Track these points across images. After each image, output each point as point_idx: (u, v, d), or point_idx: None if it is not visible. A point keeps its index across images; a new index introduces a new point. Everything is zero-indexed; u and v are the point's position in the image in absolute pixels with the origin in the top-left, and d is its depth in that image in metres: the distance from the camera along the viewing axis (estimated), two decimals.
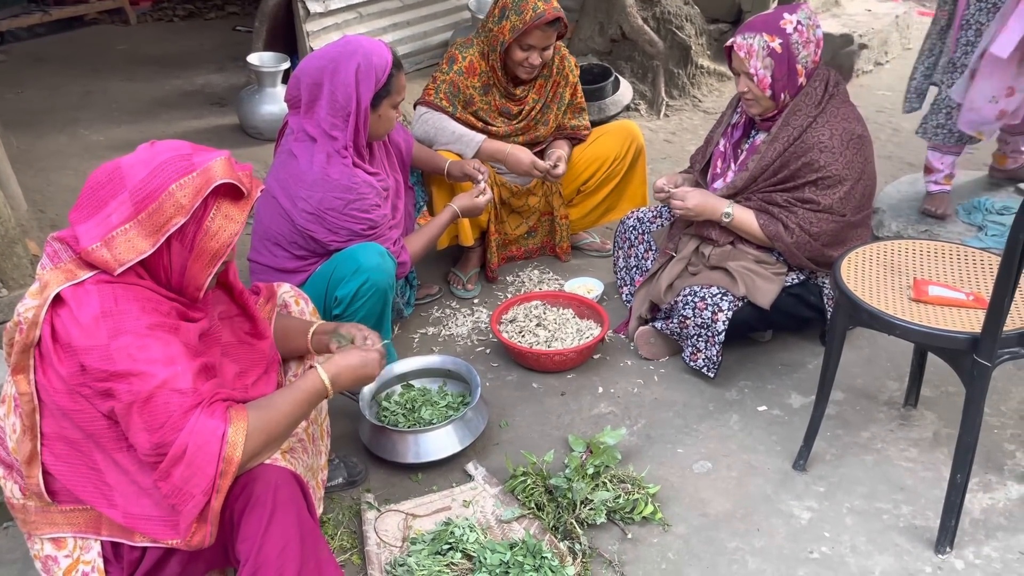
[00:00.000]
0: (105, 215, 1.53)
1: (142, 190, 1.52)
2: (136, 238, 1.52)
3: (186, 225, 1.55)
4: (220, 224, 1.58)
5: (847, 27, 5.58)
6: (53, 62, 5.49)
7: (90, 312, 1.49)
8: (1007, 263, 1.77)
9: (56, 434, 1.57)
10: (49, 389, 1.53)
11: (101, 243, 1.51)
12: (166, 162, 1.54)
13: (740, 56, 2.53)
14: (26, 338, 1.51)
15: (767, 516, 2.23)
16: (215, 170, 1.56)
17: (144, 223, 1.52)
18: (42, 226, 3.40)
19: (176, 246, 1.57)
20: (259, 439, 1.57)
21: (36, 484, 1.59)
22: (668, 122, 4.87)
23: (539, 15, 2.88)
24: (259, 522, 1.56)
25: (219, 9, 6.76)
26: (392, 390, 2.62)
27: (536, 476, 2.28)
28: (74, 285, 1.51)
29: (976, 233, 3.38)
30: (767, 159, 2.59)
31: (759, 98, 2.57)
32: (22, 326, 1.52)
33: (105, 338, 1.48)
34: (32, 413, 1.55)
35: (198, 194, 1.54)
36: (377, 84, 2.42)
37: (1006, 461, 2.38)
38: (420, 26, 5.11)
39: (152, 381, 1.48)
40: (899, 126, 4.81)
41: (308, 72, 2.45)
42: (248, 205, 1.62)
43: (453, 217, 2.88)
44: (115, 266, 1.51)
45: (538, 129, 3.23)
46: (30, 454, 1.57)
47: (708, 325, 2.58)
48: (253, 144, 4.29)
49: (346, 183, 2.44)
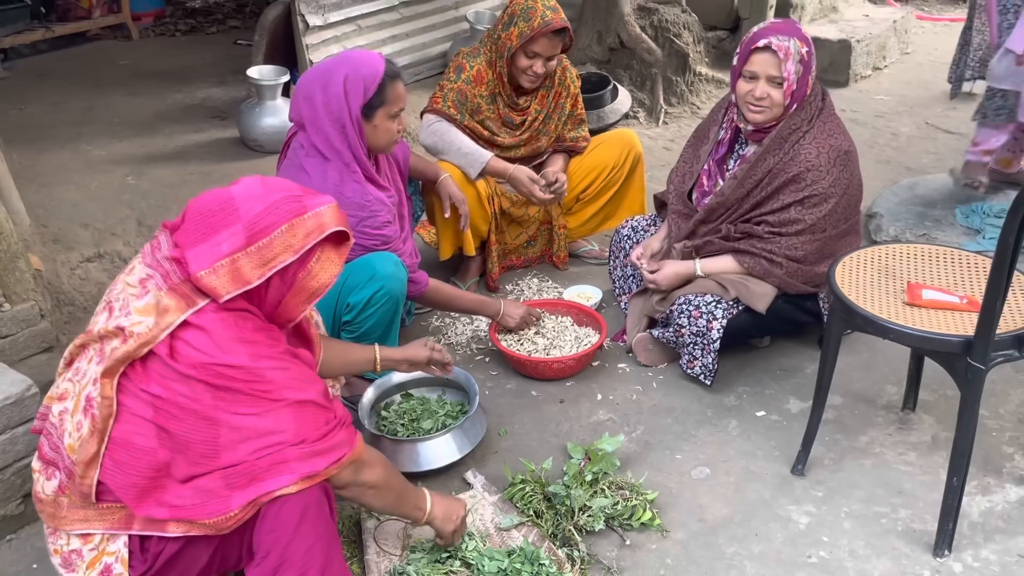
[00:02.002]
0: (215, 242, 1.59)
1: (257, 224, 1.59)
2: (244, 268, 1.58)
3: (291, 264, 1.62)
4: (322, 267, 1.67)
5: (845, 32, 5.59)
6: (56, 78, 5.53)
7: (227, 335, 1.56)
8: (998, 266, 1.78)
9: (125, 441, 1.59)
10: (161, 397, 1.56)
11: (211, 270, 1.57)
12: (281, 200, 1.62)
13: (778, 57, 2.46)
14: (132, 351, 1.55)
15: (765, 521, 2.23)
16: (327, 217, 1.65)
17: (253, 256, 1.59)
18: (44, 241, 3.43)
19: (276, 281, 1.64)
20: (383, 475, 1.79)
21: (89, 486, 1.61)
22: (667, 129, 4.88)
23: (547, 22, 2.92)
24: (291, 516, 1.60)
25: (220, 24, 6.81)
26: (391, 399, 2.63)
27: (535, 484, 2.29)
28: (196, 311, 1.57)
29: (974, 236, 3.39)
30: (757, 173, 2.59)
31: (775, 105, 2.52)
32: (128, 338, 1.56)
33: (247, 360, 1.56)
34: (107, 418, 1.58)
35: (308, 236, 1.63)
36: (366, 93, 2.43)
37: (1004, 464, 2.38)
38: (419, 37, 5.15)
39: (303, 394, 1.60)
40: (897, 131, 4.82)
41: (303, 88, 2.48)
42: (347, 251, 1.72)
43: (494, 311, 2.85)
44: (223, 294, 1.58)
45: (540, 140, 3.25)
46: (92, 456, 1.59)
47: (703, 333, 2.59)
48: (253, 157, 4.32)
49: (359, 200, 2.46)
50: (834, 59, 5.44)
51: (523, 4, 2.98)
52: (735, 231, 2.66)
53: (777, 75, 2.48)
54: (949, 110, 5.07)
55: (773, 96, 2.51)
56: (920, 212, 3.61)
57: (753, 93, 2.52)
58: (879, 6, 6.52)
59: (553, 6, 2.99)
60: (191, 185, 3.97)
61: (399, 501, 1.87)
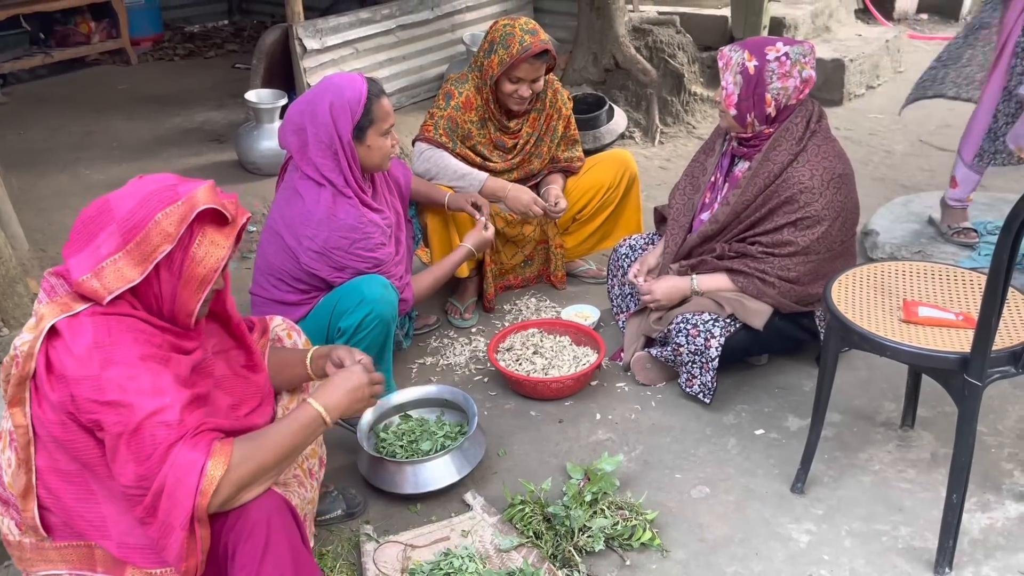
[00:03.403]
0: (95, 247, 1.58)
1: (129, 220, 1.57)
2: (125, 267, 1.57)
3: (173, 252, 1.60)
4: (206, 250, 1.62)
5: (838, 52, 5.65)
6: (55, 103, 5.56)
7: (83, 342, 1.53)
8: (993, 283, 1.79)
9: (50, 467, 1.59)
10: (44, 420, 1.56)
11: (91, 274, 1.56)
12: (152, 193, 1.60)
13: (719, 65, 2.61)
14: (22, 370, 1.55)
15: (766, 540, 2.22)
16: (198, 197, 1.61)
17: (132, 252, 1.57)
18: (43, 265, 3.44)
19: (164, 274, 1.61)
20: (245, 471, 1.58)
21: (32, 518, 1.61)
22: (663, 149, 4.91)
23: (526, 48, 2.93)
24: (254, 552, 1.58)
25: (219, 48, 6.87)
26: (390, 421, 2.63)
27: (534, 504, 2.29)
28: (69, 317, 1.55)
29: (970, 253, 3.41)
30: (748, 195, 2.61)
31: (724, 112, 2.62)
32: (18, 359, 1.56)
33: (97, 368, 1.51)
34: (27, 446, 1.58)
35: (183, 221, 1.59)
36: (354, 116, 2.44)
37: (1004, 480, 2.38)
38: (415, 60, 5.19)
39: (140, 412, 1.51)
40: (891, 148, 4.86)
41: (291, 120, 2.50)
42: (233, 231, 1.66)
43: (468, 255, 2.90)
44: (104, 295, 1.56)
45: (532, 162, 3.27)
46: (25, 487, 1.60)
47: (701, 351, 2.60)
48: (252, 179, 4.34)
49: (352, 222, 2.48)
50: (828, 78, 5.48)
51: (502, 31, 3.00)
52: (729, 250, 2.67)
53: (721, 83, 2.60)
54: (943, 127, 5.10)
55: (723, 101, 2.61)
56: (915, 229, 3.63)
57: (715, 98, 2.64)
58: (871, 25, 6.58)
59: (532, 29, 3.00)
60: None
61: (290, 454, 1.67)
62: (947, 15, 7.36)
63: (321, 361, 2.01)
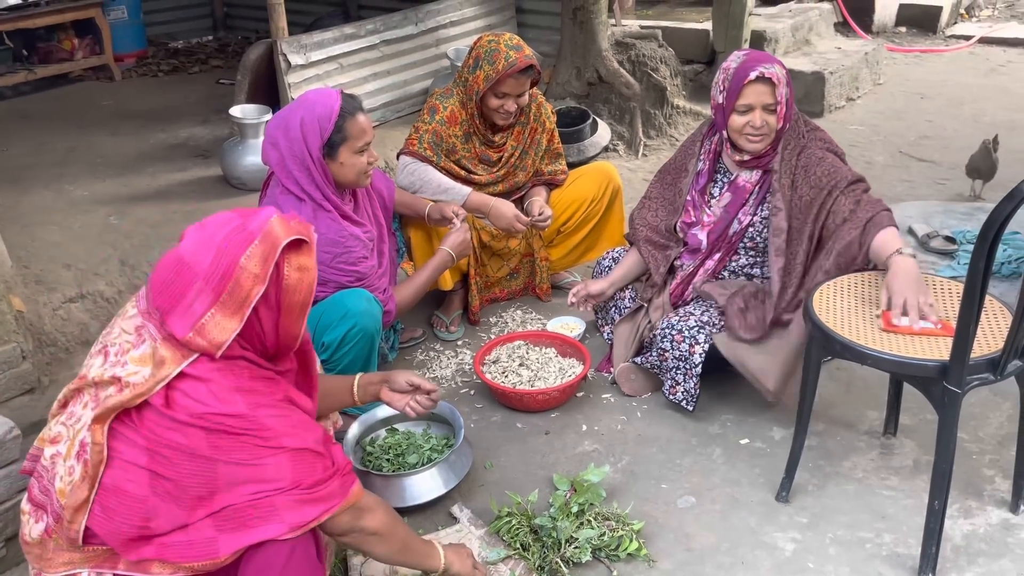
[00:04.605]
0: (187, 306, 1.57)
1: (215, 273, 1.57)
2: (223, 320, 1.57)
3: (267, 290, 1.60)
4: (297, 277, 1.64)
5: (818, 65, 5.71)
6: (38, 119, 5.54)
7: (225, 385, 1.57)
8: (970, 291, 1.82)
9: (116, 487, 1.58)
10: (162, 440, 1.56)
11: (194, 333, 1.57)
12: (226, 238, 1.59)
13: (772, 84, 2.53)
14: (126, 400, 1.55)
15: (752, 549, 2.24)
16: (275, 231, 1.61)
17: (227, 303, 1.57)
18: (26, 282, 3.42)
19: (264, 312, 1.62)
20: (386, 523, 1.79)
21: (76, 532, 1.60)
22: (646, 161, 4.95)
23: (511, 64, 2.96)
24: (279, 555, 1.60)
25: (203, 63, 6.86)
26: (376, 434, 2.63)
27: (521, 516, 2.29)
28: (192, 362, 1.57)
29: (949, 262, 3.45)
30: (788, 194, 2.61)
31: (772, 131, 2.58)
32: (123, 387, 1.57)
33: (246, 408, 1.57)
34: (99, 464, 1.57)
35: (267, 260, 1.59)
36: (323, 134, 2.45)
37: (985, 487, 2.41)
38: (400, 75, 5.21)
39: (300, 442, 1.61)
40: (872, 160, 4.91)
41: (269, 135, 2.53)
42: (313, 250, 1.68)
43: (447, 260, 2.90)
44: (214, 351, 1.57)
45: (517, 175, 3.29)
46: (82, 502, 1.58)
47: (686, 358, 2.61)
48: (237, 195, 4.33)
49: (333, 236, 2.49)
50: (809, 90, 5.54)
51: (487, 47, 3.02)
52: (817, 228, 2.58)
53: (772, 102, 2.55)
54: (922, 139, 5.18)
55: (770, 123, 2.57)
56: None
57: (752, 124, 2.57)
58: (851, 38, 6.67)
59: (516, 45, 3.03)
60: (174, 224, 3.98)
61: (405, 550, 1.86)
62: (925, 28, 7.47)
63: (373, 388, 2.19)
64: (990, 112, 5.61)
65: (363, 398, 2.18)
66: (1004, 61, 6.78)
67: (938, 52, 7.00)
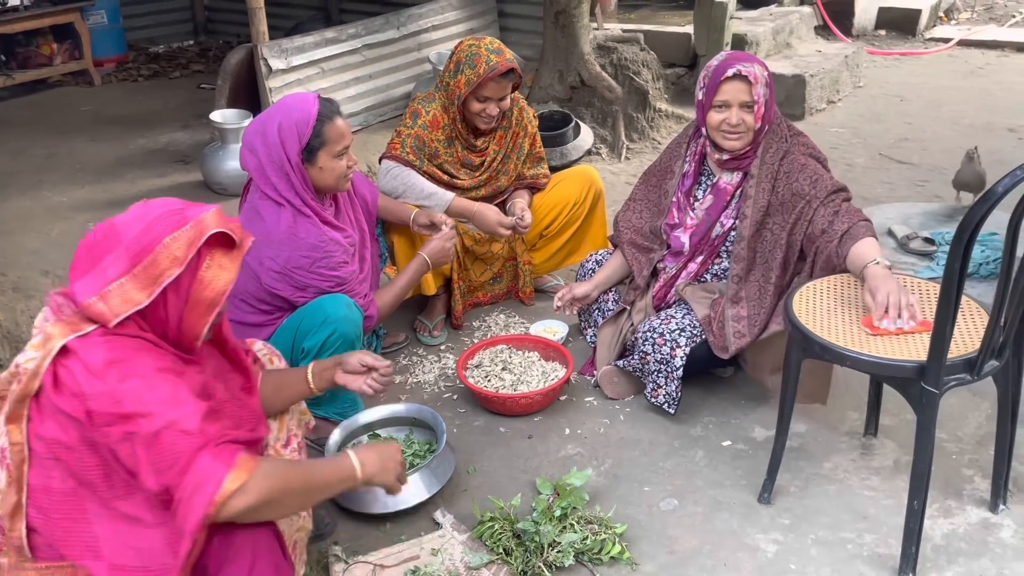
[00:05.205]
0: (101, 270, 1.58)
1: (137, 244, 1.58)
2: (132, 291, 1.57)
3: (181, 276, 1.60)
4: (214, 274, 1.63)
5: (799, 68, 5.75)
6: (17, 125, 5.50)
7: (99, 358, 1.53)
8: (946, 291, 1.83)
9: (43, 486, 1.57)
10: (45, 438, 1.54)
11: (97, 297, 1.56)
12: (160, 216, 1.60)
13: (749, 83, 2.55)
14: (25, 388, 1.54)
15: (734, 551, 2.24)
16: (207, 221, 1.62)
17: (139, 276, 1.57)
18: (4, 289, 3.39)
19: (172, 298, 1.61)
20: (266, 485, 1.54)
21: (19, 538, 1.58)
22: (629, 164, 4.97)
23: (492, 67, 2.96)
24: (240, 573, 1.57)
25: (183, 68, 6.83)
26: (358, 440, 2.62)
27: (504, 521, 2.29)
28: (79, 337, 1.55)
29: (929, 264, 3.47)
30: (761, 202, 2.61)
31: (749, 129, 2.59)
32: (21, 376, 1.55)
33: (115, 381, 1.51)
34: (21, 464, 1.56)
35: (191, 245, 1.60)
36: (301, 138, 2.43)
37: (964, 486, 2.42)
38: (382, 79, 5.21)
39: (159, 421, 1.51)
40: (852, 161, 4.95)
41: (247, 141, 2.51)
42: (240, 255, 1.68)
43: (423, 266, 2.90)
44: (111, 318, 1.56)
45: (499, 179, 3.29)
46: (15, 507, 1.57)
47: (667, 360, 2.62)
48: (217, 200, 4.31)
49: (313, 241, 2.47)
50: (789, 93, 5.58)
51: (468, 51, 3.03)
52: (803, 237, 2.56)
53: (748, 100, 2.56)
54: (901, 141, 5.22)
55: (747, 121, 2.58)
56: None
57: (728, 121, 2.58)
58: (831, 42, 6.72)
59: (497, 49, 3.03)
60: None
61: (315, 491, 1.71)
62: (905, 31, 7.53)
63: (327, 373, 2.13)
64: (969, 114, 5.66)
65: (319, 385, 2.11)
66: (983, 63, 6.86)
67: (917, 55, 7.07)
